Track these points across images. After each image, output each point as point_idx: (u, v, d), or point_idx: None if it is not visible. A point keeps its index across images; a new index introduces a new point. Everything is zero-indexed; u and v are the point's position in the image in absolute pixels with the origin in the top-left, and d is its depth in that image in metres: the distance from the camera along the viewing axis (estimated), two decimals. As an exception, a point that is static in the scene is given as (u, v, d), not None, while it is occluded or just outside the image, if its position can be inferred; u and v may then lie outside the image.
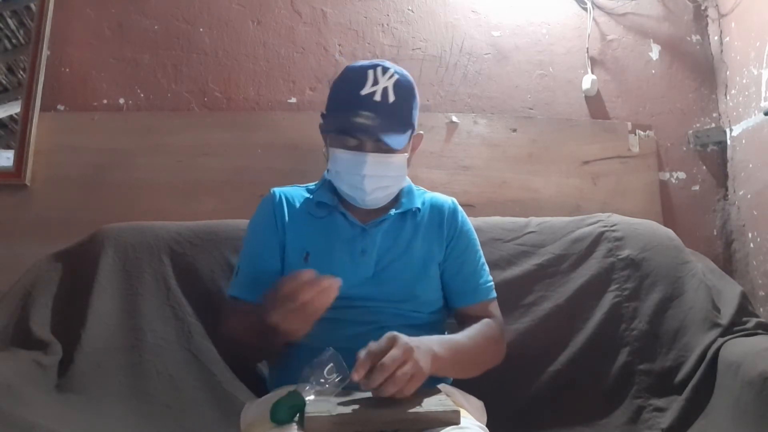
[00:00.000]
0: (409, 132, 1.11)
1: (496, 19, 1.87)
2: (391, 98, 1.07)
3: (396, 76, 1.09)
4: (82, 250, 1.36)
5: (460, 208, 1.24)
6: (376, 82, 1.06)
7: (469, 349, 1.05)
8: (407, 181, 1.21)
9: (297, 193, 1.21)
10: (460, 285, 1.17)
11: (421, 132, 1.19)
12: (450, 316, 1.22)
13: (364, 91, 1.06)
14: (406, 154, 1.14)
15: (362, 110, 1.04)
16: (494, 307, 1.18)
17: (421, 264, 1.14)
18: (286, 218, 1.15)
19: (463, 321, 1.16)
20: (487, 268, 1.21)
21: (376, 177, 1.08)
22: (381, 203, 1.15)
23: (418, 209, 1.18)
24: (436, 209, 1.21)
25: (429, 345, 0.93)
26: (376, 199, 1.12)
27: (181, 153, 1.67)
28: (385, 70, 1.08)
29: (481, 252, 1.22)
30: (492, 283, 1.20)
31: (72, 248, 1.37)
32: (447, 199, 1.24)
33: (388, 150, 1.07)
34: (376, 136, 1.04)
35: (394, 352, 0.84)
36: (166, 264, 1.35)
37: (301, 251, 1.12)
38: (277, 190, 1.21)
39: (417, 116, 1.14)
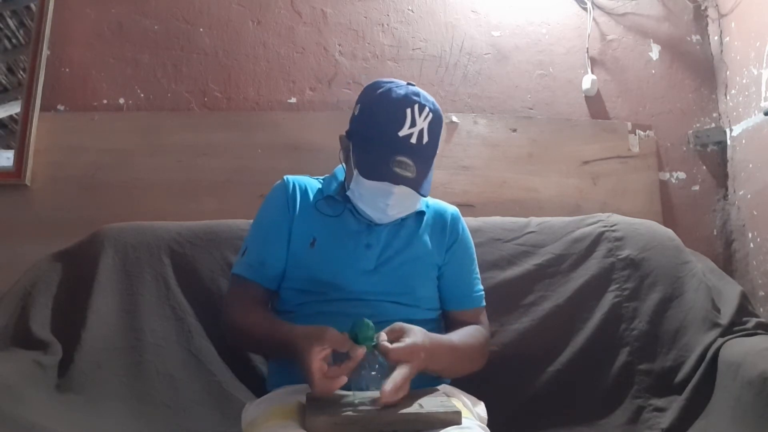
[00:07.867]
0: (433, 161, 1.12)
1: (496, 19, 1.87)
2: (425, 139, 1.08)
3: (430, 116, 1.08)
4: (82, 250, 1.36)
5: (462, 217, 1.27)
6: (413, 124, 1.06)
7: (460, 351, 1.09)
8: None
9: (309, 183, 1.22)
10: (454, 290, 1.21)
11: None
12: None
13: (402, 132, 1.05)
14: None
15: (399, 155, 1.04)
16: (483, 316, 1.23)
17: (421, 261, 1.17)
18: (297, 205, 1.17)
19: (452, 324, 1.19)
20: (479, 278, 1.25)
21: (400, 205, 1.10)
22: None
23: (423, 212, 1.21)
24: (439, 215, 1.24)
25: (432, 346, 0.98)
26: (393, 219, 1.14)
27: (181, 153, 1.67)
28: (421, 108, 1.07)
29: (477, 263, 1.26)
30: (483, 293, 1.24)
31: (72, 248, 1.37)
32: (450, 207, 1.27)
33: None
34: (411, 187, 1.05)
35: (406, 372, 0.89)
36: (166, 264, 1.35)
37: (309, 237, 1.14)
38: (290, 177, 1.22)
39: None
